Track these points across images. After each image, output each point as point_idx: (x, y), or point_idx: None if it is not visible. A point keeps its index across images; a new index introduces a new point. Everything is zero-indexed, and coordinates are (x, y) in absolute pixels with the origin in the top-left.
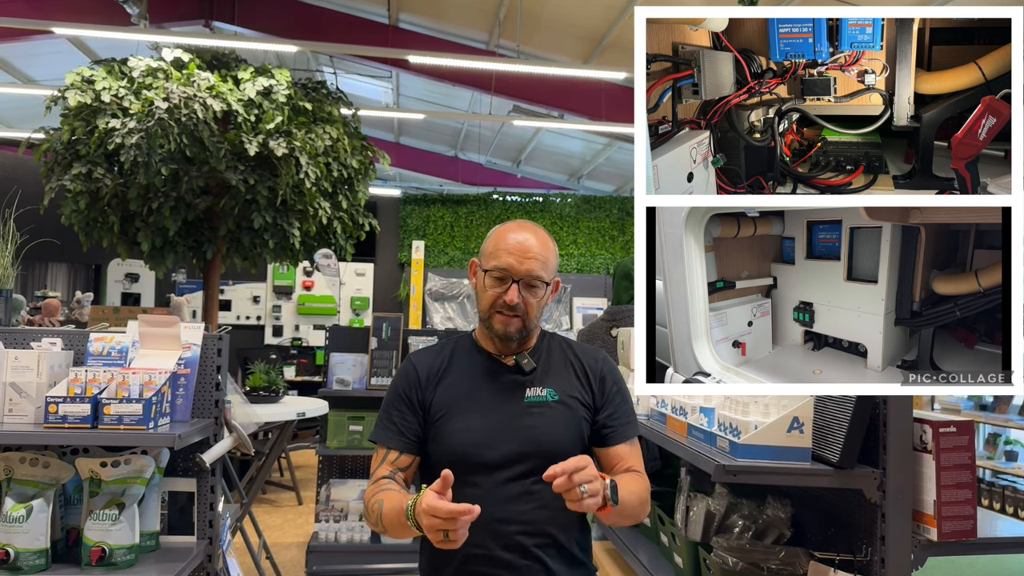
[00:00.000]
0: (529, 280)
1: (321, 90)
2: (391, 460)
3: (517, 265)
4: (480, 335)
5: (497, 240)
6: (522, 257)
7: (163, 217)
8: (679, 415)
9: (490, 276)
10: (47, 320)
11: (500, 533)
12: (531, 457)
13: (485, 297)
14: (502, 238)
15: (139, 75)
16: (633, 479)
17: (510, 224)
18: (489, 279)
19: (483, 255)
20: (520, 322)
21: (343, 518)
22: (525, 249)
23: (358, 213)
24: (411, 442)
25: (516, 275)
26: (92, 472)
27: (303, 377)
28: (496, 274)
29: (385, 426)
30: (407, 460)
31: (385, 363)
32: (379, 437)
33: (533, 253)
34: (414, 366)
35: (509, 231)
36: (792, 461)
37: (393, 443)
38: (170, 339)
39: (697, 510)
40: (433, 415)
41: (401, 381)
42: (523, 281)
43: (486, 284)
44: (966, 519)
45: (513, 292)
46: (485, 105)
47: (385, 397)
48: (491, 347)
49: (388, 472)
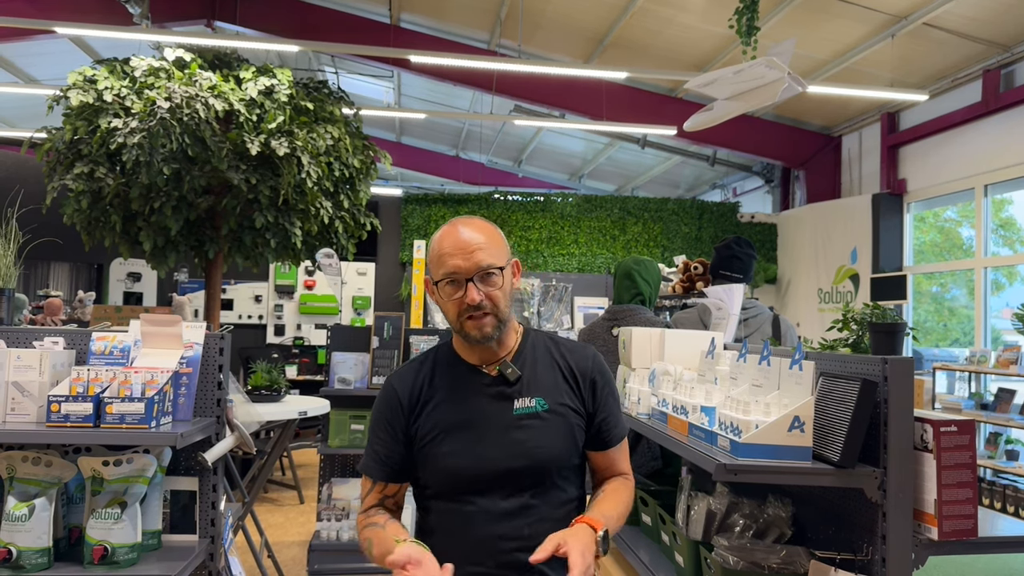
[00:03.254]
0: (482, 273)
1: (323, 90)
2: (378, 490)
3: (464, 263)
4: (458, 345)
5: (437, 248)
6: (466, 253)
7: (165, 216)
8: (680, 414)
9: (443, 285)
10: (49, 319)
11: (498, 551)
12: (525, 472)
13: (448, 308)
14: (440, 244)
15: (141, 75)
16: (619, 491)
17: (443, 228)
18: (444, 289)
19: (430, 269)
20: (493, 318)
21: (345, 517)
22: (465, 244)
23: (360, 212)
24: (395, 471)
25: (467, 273)
26: (94, 471)
27: (305, 376)
28: (447, 280)
29: (370, 455)
30: (393, 488)
31: (387, 362)
32: (365, 468)
33: (475, 244)
34: (395, 391)
35: (444, 236)
36: (793, 460)
37: (377, 475)
38: (172, 338)
39: (698, 509)
40: (420, 440)
41: (383, 408)
42: (476, 276)
43: (443, 295)
44: (967, 518)
45: (472, 291)
46: (486, 105)
47: (370, 420)
48: (472, 357)
49: (376, 501)
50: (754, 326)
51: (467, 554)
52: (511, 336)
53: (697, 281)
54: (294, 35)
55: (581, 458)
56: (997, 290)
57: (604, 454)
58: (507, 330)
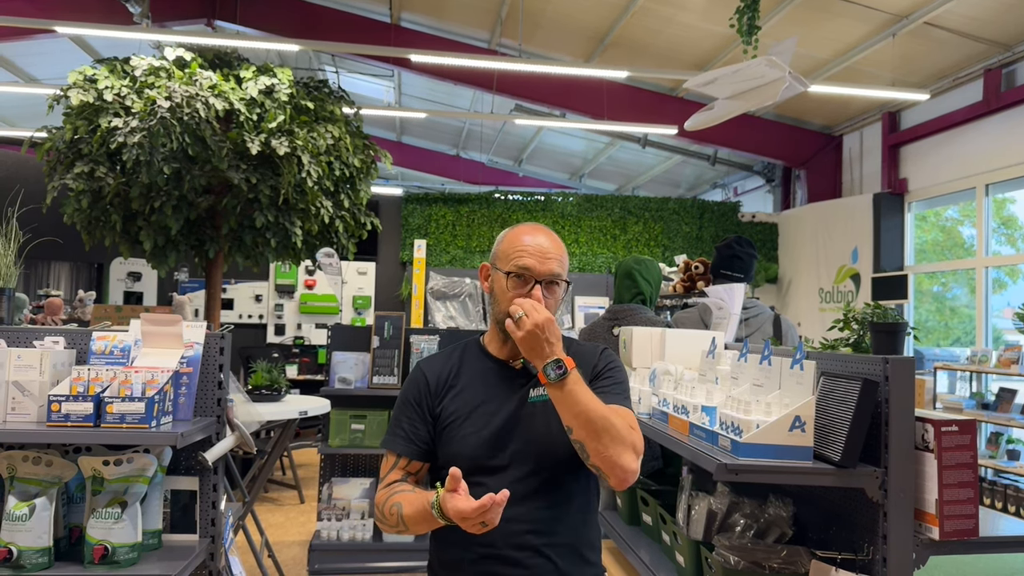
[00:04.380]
0: (550, 280)
1: (323, 89)
2: (401, 466)
3: (539, 266)
4: (490, 340)
5: (513, 242)
6: (542, 258)
7: (165, 216)
8: (681, 414)
9: (512, 278)
10: (50, 319)
11: (509, 532)
12: (534, 456)
13: (504, 299)
14: (518, 240)
15: (141, 74)
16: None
17: (523, 227)
18: (511, 281)
19: (498, 258)
20: None
21: (345, 516)
22: (544, 250)
23: (360, 212)
24: (420, 449)
25: (538, 276)
26: (95, 470)
27: (305, 376)
28: (516, 275)
29: (395, 433)
30: (416, 466)
31: (387, 362)
32: (389, 443)
33: (552, 253)
34: (424, 373)
35: (524, 233)
36: (794, 460)
37: (403, 449)
38: (172, 338)
39: (699, 509)
40: (443, 421)
41: (411, 388)
42: (545, 281)
43: (508, 286)
44: (968, 518)
45: (538, 292)
46: (487, 104)
47: (396, 404)
48: (501, 352)
49: (399, 477)
50: (755, 326)
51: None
52: None
53: (698, 281)
54: (294, 34)
55: None
56: (999, 289)
57: None
58: None
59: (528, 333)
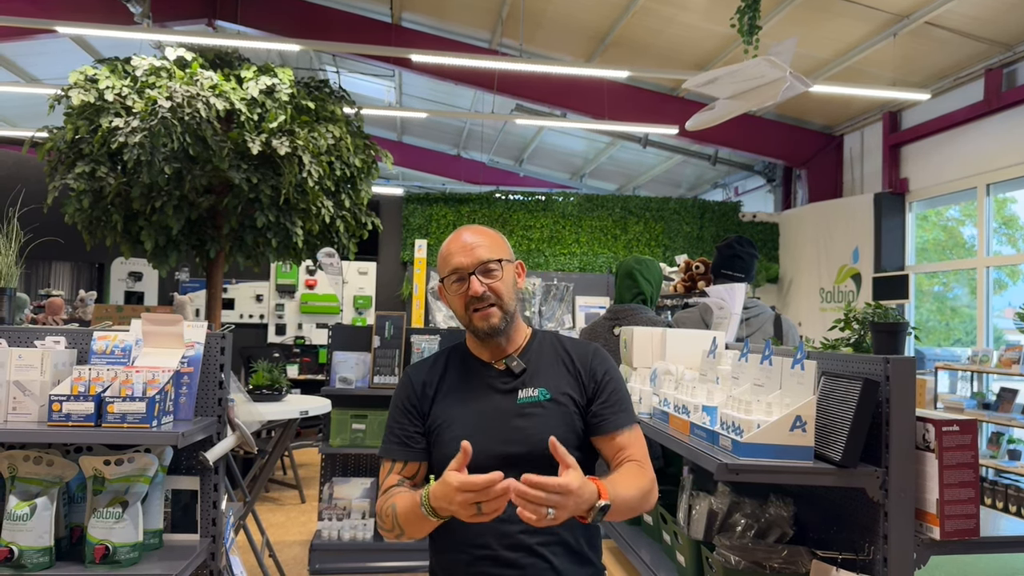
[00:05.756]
0: (483, 266)
1: (324, 89)
2: (397, 471)
3: (466, 260)
4: (471, 343)
5: (444, 252)
6: (468, 252)
7: (166, 216)
8: (682, 414)
9: (449, 283)
10: (51, 319)
11: (503, 533)
12: (526, 458)
13: (456, 304)
14: (446, 248)
15: (142, 74)
16: (631, 472)
17: (449, 237)
18: (451, 287)
19: (440, 272)
20: (497, 310)
21: (346, 516)
22: (468, 244)
23: (361, 212)
24: (415, 450)
25: (469, 268)
26: (96, 470)
27: (306, 375)
28: (453, 278)
29: (388, 440)
30: (413, 468)
31: (388, 361)
32: (384, 452)
33: (476, 243)
34: (410, 379)
35: (451, 240)
36: (795, 460)
37: (397, 455)
38: (173, 337)
39: (700, 509)
40: (431, 425)
41: (400, 393)
42: (478, 270)
43: (451, 292)
44: (969, 518)
45: (475, 283)
46: (488, 104)
47: (388, 412)
48: (483, 353)
49: (396, 482)
50: (756, 325)
51: (473, 537)
52: (519, 335)
53: (699, 280)
54: (295, 34)
55: (583, 449)
56: (999, 289)
57: (611, 441)
58: (515, 328)
59: (566, 512)
